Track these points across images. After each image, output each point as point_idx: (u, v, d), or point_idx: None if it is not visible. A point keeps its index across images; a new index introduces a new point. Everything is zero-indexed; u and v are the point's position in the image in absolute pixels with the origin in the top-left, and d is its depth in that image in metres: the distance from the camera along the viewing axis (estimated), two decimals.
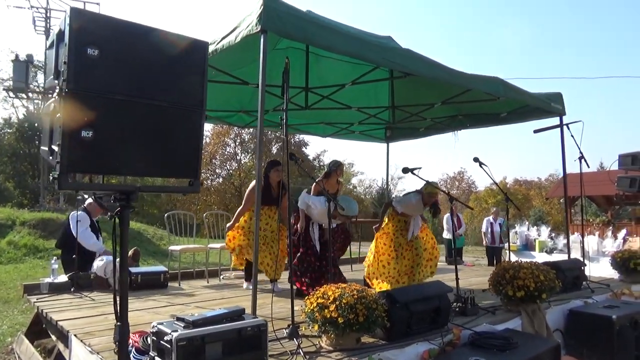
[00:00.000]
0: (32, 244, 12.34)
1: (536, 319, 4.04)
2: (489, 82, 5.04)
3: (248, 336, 2.47)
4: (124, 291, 1.99)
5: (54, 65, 1.83)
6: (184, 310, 4.22)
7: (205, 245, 6.43)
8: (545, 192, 32.78)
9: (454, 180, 38.92)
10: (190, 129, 2.05)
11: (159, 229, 16.64)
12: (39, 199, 19.49)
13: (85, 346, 3.15)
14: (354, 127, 7.77)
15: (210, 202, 27.68)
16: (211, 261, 7.15)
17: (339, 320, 2.82)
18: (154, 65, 1.94)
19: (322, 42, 3.73)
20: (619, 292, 5.32)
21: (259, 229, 5.23)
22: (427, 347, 3.17)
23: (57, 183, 1.72)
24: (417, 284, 4.98)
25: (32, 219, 13.75)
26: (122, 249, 1.98)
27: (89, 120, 1.76)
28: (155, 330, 2.43)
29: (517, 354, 3.15)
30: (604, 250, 7.41)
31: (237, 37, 3.58)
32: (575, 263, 5.51)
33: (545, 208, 30.35)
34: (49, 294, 5.01)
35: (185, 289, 5.59)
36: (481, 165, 4.86)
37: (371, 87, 6.47)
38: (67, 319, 3.90)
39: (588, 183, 5.98)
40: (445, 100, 6.21)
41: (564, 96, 6.05)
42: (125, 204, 1.97)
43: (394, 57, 4.16)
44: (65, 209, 16.64)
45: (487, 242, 9.80)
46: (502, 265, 4.33)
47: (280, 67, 3.41)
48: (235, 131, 29.05)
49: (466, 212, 27.23)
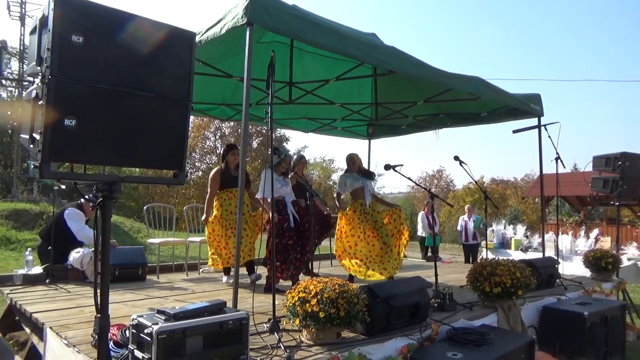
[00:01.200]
0: (3, 235, 12.00)
1: (512, 315, 4.13)
2: (470, 81, 5.11)
3: (229, 330, 2.46)
4: (105, 283, 1.97)
5: (36, 51, 1.78)
6: (163, 304, 4.18)
7: (185, 239, 6.37)
8: (521, 191, 33.42)
9: (433, 178, 39.28)
10: (175, 120, 2.03)
11: (136, 222, 16.40)
12: (11, 189, 18.99)
13: (61, 339, 3.10)
14: (337, 123, 7.78)
15: (189, 196, 27.35)
16: (191, 255, 7.08)
17: (320, 315, 2.84)
18: (140, 55, 1.91)
19: (308, 38, 3.72)
20: (590, 290, 5.48)
21: (229, 214, 5.28)
22: (406, 342, 3.21)
23: (39, 172, 1.68)
24: (397, 279, 5.04)
25: (5, 209, 13.39)
26: (104, 241, 1.96)
27: (72, 108, 1.73)
28: (135, 323, 2.39)
29: (492, 349, 3.21)
30: (576, 249, 7.61)
31: (222, 29, 3.55)
32: (549, 261, 5.65)
33: (521, 207, 30.92)
34: (23, 286, 4.90)
35: (163, 282, 5.54)
36: (461, 163, 4.94)
37: (355, 83, 6.49)
38: (42, 311, 3.82)
39: (562, 183, 6.11)
40: (427, 99, 6.27)
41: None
42: (107, 194, 1.94)
43: (380, 54, 4.17)
44: (39, 199, 16.25)
45: (462, 240, 10.01)
46: (480, 262, 4.41)
47: (265, 61, 3.39)
48: (216, 124, 28.77)
49: (443, 210, 27.55)
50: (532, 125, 6.15)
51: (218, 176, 5.43)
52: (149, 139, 1.96)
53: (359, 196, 5.68)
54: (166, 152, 2.03)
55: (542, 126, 6.01)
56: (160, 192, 26.94)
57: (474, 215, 9.82)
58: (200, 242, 6.11)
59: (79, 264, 5.16)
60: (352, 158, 5.80)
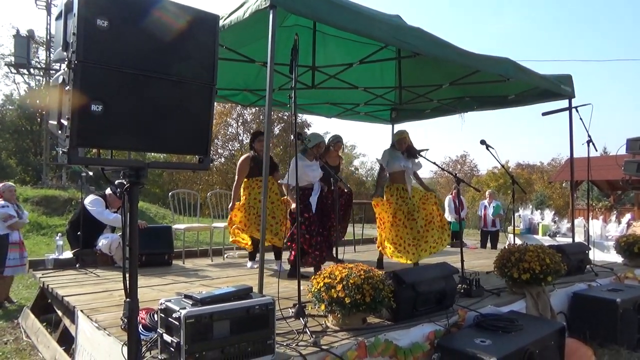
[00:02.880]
0: (35, 220, 12.36)
1: (540, 301, 4.05)
2: (499, 63, 4.96)
3: (256, 314, 2.46)
4: (133, 267, 1.98)
5: (62, 36, 1.78)
6: (189, 288, 4.24)
7: (210, 225, 6.43)
8: (547, 176, 32.69)
9: (457, 163, 38.77)
10: (200, 104, 2.01)
11: (161, 208, 16.70)
12: (41, 176, 19.50)
13: (92, 322, 3.17)
14: (360, 108, 7.69)
15: (212, 182, 27.62)
16: (215, 240, 7.16)
17: (345, 300, 2.82)
18: (164, 39, 1.88)
19: (332, 20, 3.65)
20: (622, 276, 5.33)
21: (255, 201, 5.25)
22: (433, 328, 3.18)
23: (67, 157, 1.69)
24: (422, 265, 4.98)
25: (35, 195, 13.79)
26: (131, 225, 1.97)
27: (98, 93, 1.72)
28: (163, 307, 2.42)
29: (522, 335, 3.15)
30: (607, 234, 7.40)
31: (245, 13, 3.51)
32: (580, 247, 5.51)
33: (547, 192, 30.28)
34: (54, 270, 5.04)
35: (189, 267, 5.62)
36: (488, 147, 4.81)
37: (377, 67, 6.38)
38: (73, 295, 3.92)
39: (592, 167, 5.93)
40: (453, 82, 6.13)
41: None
42: (134, 180, 1.95)
43: (405, 36, 4.08)
44: (67, 186, 16.66)
45: (480, 226, 9.88)
46: (508, 247, 4.33)
47: (287, 45, 3.35)
48: (238, 111, 28.84)
49: (467, 196, 27.20)
50: (563, 108, 5.96)
51: (247, 163, 5.35)
52: (174, 124, 1.95)
53: (397, 180, 5.41)
54: (191, 138, 2.02)
55: (574, 108, 5.82)
56: (183, 178, 27.31)
57: (495, 202, 9.63)
58: (225, 227, 6.16)
59: (108, 249, 5.27)
60: (402, 137, 5.41)
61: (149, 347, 2.57)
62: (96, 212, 5.27)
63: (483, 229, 9.73)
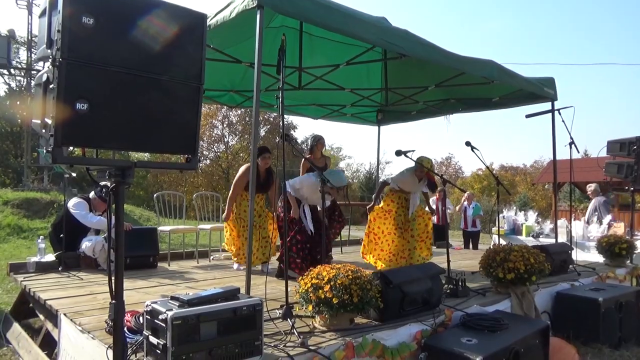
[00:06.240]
0: (15, 223, 12.11)
1: (525, 301, 4.09)
2: (484, 65, 5.01)
3: (243, 316, 2.44)
4: (119, 269, 1.95)
5: (46, 34, 1.75)
6: (175, 291, 4.18)
7: (195, 226, 6.38)
8: (530, 178, 33.17)
9: (442, 165, 39.11)
10: (188, 103, 1.99)
11: (146, 210, 16.49)
12: (22, 179, 19.13)
13: (76, 325, 3.11)
14: (346, 110, 7.71)
15: (197, 184, 27.44)
16: (201, 242, 7.10)
17: (333, 301, 2.82)
18: (151, 37, 1.86)
19: (319, 21, 3.65)
20: (604, 276, 5.42)
21: (245, 215, 5.26)
22: (420, 328, 3.19)
23: (51, 157, 1.66)
24: (408, 266, 5.01)
25: (16, 198, 13.49)
26: (117, 226, 1.94)
27: (83, 91, 1.70)
28: (150, 309, 2.39)
29: (507, 334, 3.19)
30: (589, 235, 7.51)
31: (232, 13, 3.49)
32: (562, 247, 5.59)
33: (530, 194, 30.70)
34: (36, 273, 4.94)
35: (174, 269, 5.56)
36: (473, 149, 4.86)
37: (364, 68, 6.41)
38: (56, 298, 3.85)
39: (574, 169, 6.02)
40: (438, 84, 6.18)
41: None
42: (120, 180, 1.92)
43: (391, 37, 4.10)
44: (49, 188, 16.36)
45: (461, 226, 10.08)
46: (493, 247, 4.37)
47: (273, 46, 3.34)
48: (223, 113, 28.71)
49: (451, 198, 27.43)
50: (546, 110, 6.04)
51: (247, 176, 5.22)
52: (161, 123, 1.93)
53: (403, 192, 5.52)
54: (179, 137, 2.00)
55: (556, 110, 5.90)
56: (168, 180, 27.09)
57: (474, 203, 9.90)
58: (211, 229, 6.12)
59: (91, 252, 5.19)
60: (422, 165, 5.09)
61: (135, 350, 2.53)
62: (80, 216, 5.20)
63: (464, 229, 9.91)
